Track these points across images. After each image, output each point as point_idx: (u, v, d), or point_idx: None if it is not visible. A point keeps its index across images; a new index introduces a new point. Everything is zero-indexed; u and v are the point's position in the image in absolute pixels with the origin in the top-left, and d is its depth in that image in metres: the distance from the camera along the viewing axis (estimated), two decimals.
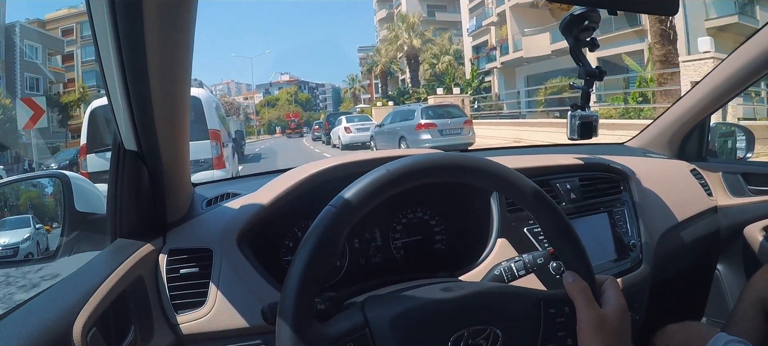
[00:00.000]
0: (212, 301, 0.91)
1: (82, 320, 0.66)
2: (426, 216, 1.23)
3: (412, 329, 0.66)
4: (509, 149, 1.90)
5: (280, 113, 63.52)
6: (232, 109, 19.39)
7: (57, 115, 30.62)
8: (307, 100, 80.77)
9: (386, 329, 0.66)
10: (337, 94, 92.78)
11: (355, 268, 1.17)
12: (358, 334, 0.65)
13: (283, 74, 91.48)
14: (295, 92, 77.69)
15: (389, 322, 0.66)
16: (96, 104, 6.29)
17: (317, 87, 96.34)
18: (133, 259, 0.85)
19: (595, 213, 1.30)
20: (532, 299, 0.72)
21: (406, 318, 0.67)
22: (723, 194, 1.73)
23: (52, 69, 33.28)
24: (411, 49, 34.23)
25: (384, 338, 0.65)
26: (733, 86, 1.55)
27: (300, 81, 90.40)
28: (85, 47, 34.86)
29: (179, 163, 0.93)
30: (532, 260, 0.84)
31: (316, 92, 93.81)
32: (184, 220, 1.04)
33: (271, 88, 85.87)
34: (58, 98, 31.21)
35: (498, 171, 0.73)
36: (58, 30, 35.90)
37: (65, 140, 30.18)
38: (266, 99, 76.72)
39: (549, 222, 0.74)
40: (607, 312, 0.68)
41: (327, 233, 0.64)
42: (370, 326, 0.66)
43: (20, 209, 1.30)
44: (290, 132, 45.70)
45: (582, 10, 1.05)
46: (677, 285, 1.60)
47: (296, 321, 0.61)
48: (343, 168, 1.08)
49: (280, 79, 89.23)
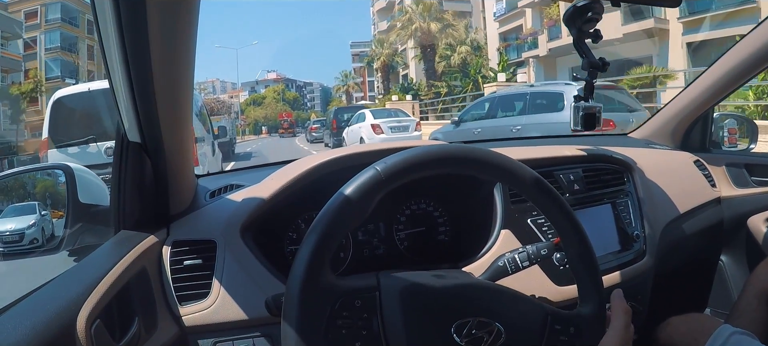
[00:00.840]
0: (216, 293, 0.91)
1: (86, 311, 0.66)
2: (430, 207, 1.23)
3: (418, 305, 0.69)
4: (512, 140, 1.90)
5: (267, 112, 62.86)
6: (223, 107, 18.94)
7: (7, 109, 27.17)
8: (295, 99, 79.75)
9: (395, 297, 0.68)
10: (327, 93, 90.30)
11: (358, 259, 1.17)
12: (367, 295, 0.68)
13: (270, 72, 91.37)
14: (283, 90, 76.25)
15: (399, 292, 0.69)
16: (61, 94, 5.87)
17: (305, 86, 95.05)
18: (137, 251, 0.85)
19: (598, 204, 1.29)
20: (541, 310, 0.73)
21: (415, 293, 0.70)
22: (726, 185, 1.73)
23: (7, 55, 29.02)
24: (426, 36, 29.76)
25: (390, 306, 0.67)
26: (737, 77, 1.54)
27: (287, 79, 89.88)
28: (50, 33, 31.23)
29: (182, 154, 0.93)
30: (536, 251, 0.84)
31: (303, 91, 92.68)
32: (187, 212, 1.04)
33: (258, 87, 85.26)
34: (8, 89, 27.66)
35: (499, 161, 0.73)
36: (20, 13, 31.04)
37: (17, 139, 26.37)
38: (252, 97, 75.13)
39: (554, 215, 0.76)
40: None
41: (334, 222, 0.65)
42: (381, 290, 0.69)
43: (36, 197, 1.32)
44: (283, 132, 45.35)
45: (585, 1, 1.04)
46: (680, 276, 1.60)
47: (302, 310, 0.62)
48: (347, 159, 1.07)
49: (266, 77, 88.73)
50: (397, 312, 0.67)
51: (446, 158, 0.71)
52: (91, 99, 5.74)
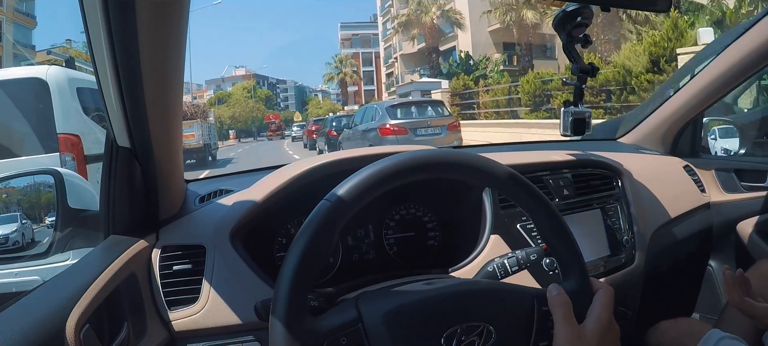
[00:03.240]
0: (205, 297, 0.91)
1: (75, 316, 0.66)
2: (419, 212, 1.24)
3: (405, 325, 0.66)
4: (501, 146, 1.90)
5: (235, 111, 53.47)
6: (198, 112, 17.94)
7: None
8: (268, 97, 69.77)
9: (379, 324, 0.65)
10: (302, 92, 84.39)
11: (348, 264, 1.17)
12: (351, 329, 0.65)
13: (238, 68, 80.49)
14: (254, 87, 65.97)
15: (382, 317, 0.66)
16: None
17: (278, 83, 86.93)
18: (126, 255, 0.85)
19: (588, 209, 1.30)
20: (525, 296, 0.72)
21: (399, 313, 0.67)
22: (716, 190, 1.74)
23: None
24: None
25: (377, 334, 0.65)
26: (727, 83, 1.55)
27: (258, 75, 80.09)
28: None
29: (172, 159, 0.93)
30: (525, 256, 0.84)
31: (277, 89, 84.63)
32: (177, 216, 1.04)
33: (224, 84, 75.70)
34: None
35: (472, 162, 0.72)
36: None
37: None
38: (217, 95, 63.68)
39: (519, 198, 0.74)
40: (585, 329, 0.67)
41: (320, 228, 0.64)
42: (363, 321, 0.65)
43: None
44: (270, 134, 43.08)
45: (575, 6, 1.05)
46: (670, 281, 1.61)
47: (289, 318, 0.61)
48: (337, 164, 1.08)
49: (234, 74, 78.29)
50: (386, 339, 0.65)
51: (397, 172, 0.68)
52: None
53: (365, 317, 0.66)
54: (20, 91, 4.01)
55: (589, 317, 0.69)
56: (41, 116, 3.86)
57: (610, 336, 0.68)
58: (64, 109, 3.87)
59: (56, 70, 4.05)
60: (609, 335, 0.68)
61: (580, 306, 0.70)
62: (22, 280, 1.31)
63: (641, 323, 1.30)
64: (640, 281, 1.33)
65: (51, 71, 3.96)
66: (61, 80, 3.94)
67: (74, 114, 4.02)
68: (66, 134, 3.82)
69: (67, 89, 3.99)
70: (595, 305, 0.70)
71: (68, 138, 3.82)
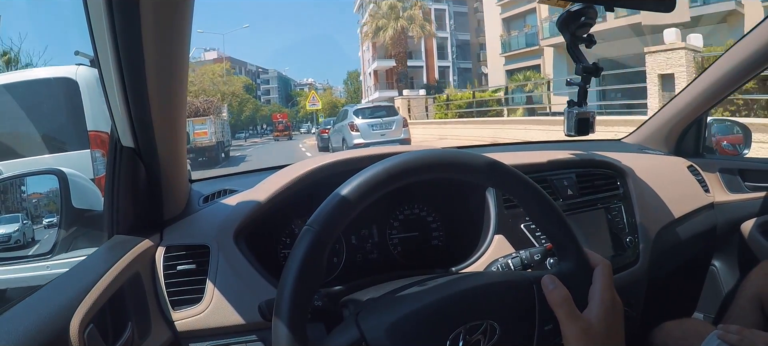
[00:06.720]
0: (209, 297, 0.91)
1: (79, 316, 0.66)
2: (423, 212, 1.23)
3: (409, 335, 0.65)
4: (505, 146, 1.90)
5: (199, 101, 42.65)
6: (211, 107, 17.03)
7: None
8: (248, 85, 60.55)
9: (383, 339, 0.64)
10: (286, 83, 74.34)
11: (351, 264, 1.17)
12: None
13: (208, 51, 66.59)
14: (229, 70, 54.00)
15: (385, 332, 0.64)
16: None
17: (259, 72, 76.73)
18: (130, 255, 0.85)
19: (592, 209, 1.30)
20: (524, 283, 0.70)
21: (401, 325, 0.65)
22: (720, 190, 1.74)
23: None
24: None
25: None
26: (730, 83, 1.55)
27: (235, 60, 68.45)
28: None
29: (176, 159, 0.93)
30: (528, 256, 0.84)
31: (257, 79, 75.06)
32: (181, 216, 1.04)
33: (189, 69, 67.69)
34: None
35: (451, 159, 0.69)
36: None
37: None
38: None
39: (508, 186, 0.72)
40: (591, 318, 0.66)
41: (323, 230, 0.63)
42: (366, 339, 0.64)
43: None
44: (278, 135, 40.75)
45: (579, 6, 1.05)
46: (673, 281, 1.60)
47: (292, 320, 0.61)
48: (340, 164, 1.08)
49: (203, 57, 64.06)
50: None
51: (387, 178, 0.65)
52: None
53: (368, 335, 0.64)
54: (50, 91, 4.14)
55: (591, 301, 0.68)
56: (71, 115, 3.95)
57: (614, 313, 0.68)
58: (93, 107, 3.94)
59: (85, 70, 4.12)
60: (613, 312, 0.68)
61: (581, 289, 0.69)
62: (26, 276, 1.34)
63: (645, 323, 1.29)
64: (644, 281, 1.33)
65: (80, 71, 4.05)
66: (90, 80, 4.02)
67: (103, 112, 3.91)
68: (96, 132, 3.91)
69: (96, 88, 4.01)
70: (596, 285, 0.69)
71: (98, 135, 3.90)
